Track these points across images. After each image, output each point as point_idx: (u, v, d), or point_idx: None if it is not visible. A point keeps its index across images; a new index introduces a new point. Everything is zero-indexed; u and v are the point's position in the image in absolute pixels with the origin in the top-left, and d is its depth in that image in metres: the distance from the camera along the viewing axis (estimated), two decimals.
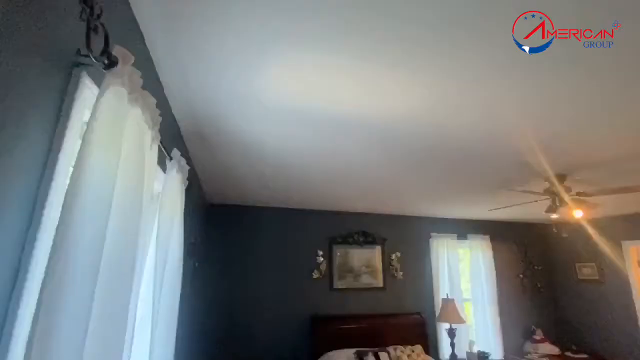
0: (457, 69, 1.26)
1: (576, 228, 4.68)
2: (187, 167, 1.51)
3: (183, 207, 1.47)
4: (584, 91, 1.37)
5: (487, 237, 4.78)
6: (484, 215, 4.52)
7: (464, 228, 4.73)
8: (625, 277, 4.13)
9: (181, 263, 1.43)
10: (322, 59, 1.21)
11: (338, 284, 4.02)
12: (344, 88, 1.39)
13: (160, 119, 1.00)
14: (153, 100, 0.92)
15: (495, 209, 2.98)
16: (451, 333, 3.97)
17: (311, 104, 1.50)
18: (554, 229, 4.17)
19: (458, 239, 4.65)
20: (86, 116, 0.71)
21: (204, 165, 2.43)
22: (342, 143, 1.95)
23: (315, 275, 3.91)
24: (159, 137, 1.02)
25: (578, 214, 2.26)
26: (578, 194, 2.25)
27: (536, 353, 4.24)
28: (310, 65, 1.25)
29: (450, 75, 1.30)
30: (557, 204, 2.31)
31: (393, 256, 4.32)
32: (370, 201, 3.63)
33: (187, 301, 2.44)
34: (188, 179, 1.61)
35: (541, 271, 4.95)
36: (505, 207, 2.79)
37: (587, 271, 4.57)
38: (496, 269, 4.65)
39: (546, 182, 2.33)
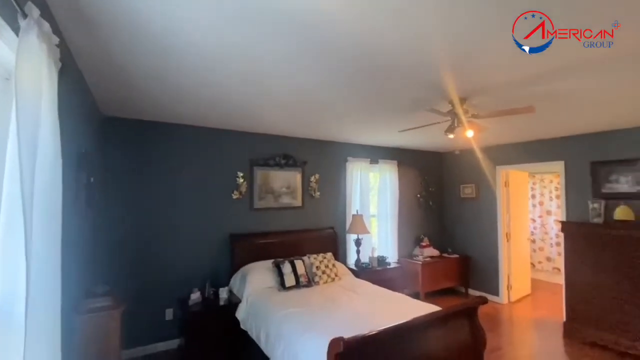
0: None
1: (462, 155, 5.55)
2: (57, 40, 1.19)
3: (56, 95, 1.19)
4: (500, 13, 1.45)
5: (395, 162, 5.32)
6: (394, 142, 4.94)
7: (376, 154, 5.14)
8: (494, 195, 5.16)
9: (59, 168, 1.19)
10: None
11: (258, 204, 4.09)
12: None
13: None
14: None
15: (404, 130, 3.23)
16: (358, 242, 4.55)
17: None
18: (455, 152, 4.82)
19: (370, 163, 5.06)
20: None
21: (92, 64, 1.99)
22: (269, 48, 1.78)
23: (235, 195, 3.89)
24: None
25: (469, 133, 2.61)
26: (473, 115, 2.57)
27: (422, 255, 5.20)
28: None
29: None
30: (455, 125, 2.62)
31: (312, 178, 4.52)
32: (291, 122, 3.57)
33: (84, 219, 2.20)
34: (62, 62, 1.29)
35: (434, 192, 5.84)
36: (413, 128, 3.04)
37: (467, 191, 5.55)
38: (400, 189, 5.31)
39: (449, 105, 2.59)
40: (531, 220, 6.57)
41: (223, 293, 3.29)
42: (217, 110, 3.08)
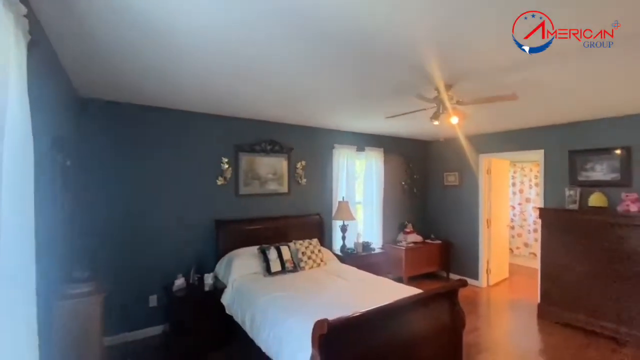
0: None
1: (447, 144, 5.63)
2: (25, 10, 1.11)
3: (25, 70, 1.12)
4: None
5: (381, 149, 5.35)
6: (381, 129, 4.95)
7: (362, 141, 5.15)
8: (476, 183, 5.28)
9: (30, 149, 1.13)
10: None
11: (244, 190, 4.05)
12: None
13: None
14: None
15: (391, 117, 3.24)
16: (343, 228, 4.59)
17: None
18: (440, 139, 4.86)
19: (357, 150, 5.08)
20: None
21: (67, 42, 1.89)
22: (253, 32, 1.73)
23: (220, 181, 3.83)
24: None
25: (454, 120, 2.63)
26: (457, 102, 2.59)
27: (405, 241, 5.31)
28: None
29: None
30: (441, 111, 2.64)
31: (298, 164, 4.50)
32: (277, 107, 3.52)
33: (60, 203, 2.12)
34: (32, 35, 1.21)
35: (419, 179, 5.93)
36: (400, 114, 3.05)
37: (451, 178, 5.65)
38: (385, 177, 5.36)
39: (435, 91, 2.60)
40: (511, 208, 6.78)
41: (208, 279, 3.27)
42: (201, 94, 3.00)
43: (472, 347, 3.17)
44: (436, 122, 2.74)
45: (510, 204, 6.73)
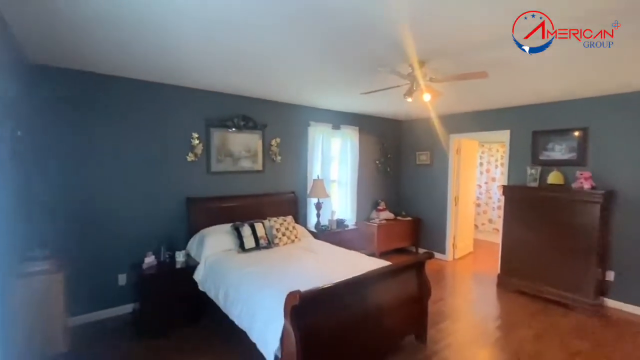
0: None
1: (420, 123, 5.74)
2: None
3: None
4: None
5: (357, 128, 5.36)
6: (356, 107, 4.94)
7: (338, 119, 5.13)
8: (446, 162, 5.45)
9: None
10: None
11: (216, 167, 3.94)
12: None
13: None
14: None
15: (366, 93, 3.22)
16: (318, 206, 4.63)
17: None
18: (407, 112, 4.81)
19: (332, 128, 5.05)
20: None
21: (18, 6, 1.68)
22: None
23: (190, 158, 3.70)
24: None
25: (427, 97, 2.66)
26: (430, 79, 2.61)
27: (378, 218, 5.46)
28: None
29: None
30: (414, 88, 2.66)
31: (273, 142, 4.42)
32: (248, 80, 3.38)
33: (9, 176, 1.97)
34: None
35: (392, 158, 6.03)
36: (375, 90, 3.04)
37: (423, 158, 5.80)
38: (360, 155, 5.40)
39: (409, 67, 2.60)
40: (478, 186, 7.11)
41: (180, 256, 3.22)
42: (168, 63, 2.82)
43: (437, 314, 3.37)
44: (409, 99, 2.75)
45: (477, 183, 7.05)
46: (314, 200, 4.68)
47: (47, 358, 1.94)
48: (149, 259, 3.11)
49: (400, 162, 6.18)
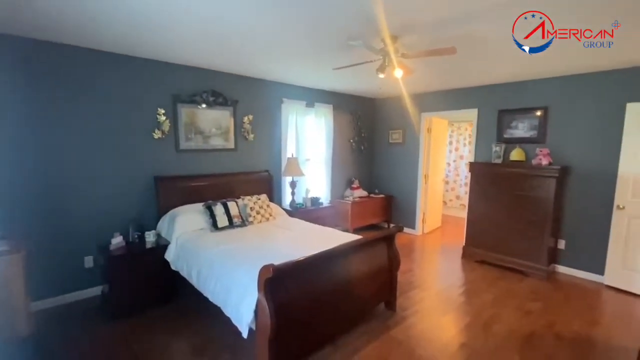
0: None
1: (393, 102, 5.80)
2: None
3: None
4: None
5: (331, 106, 5.32)
6: (330, 84, 4.89)
7: (312, 96, 5.06)
8: (418, 141, 5.58)
9: None
10: None
11: (185, 145, 3.80)
12: None
13: None
14: None
15: (339, 68, 3.19)
16: (292, 184, 4.64)
17: None
18: (379, 87, 4.76)
19: (306, 106, 4.99)
20: None
21: None
22: None
23: (157, 135, 3.54)
24: None
25: (398, 73, 2.68)
26: (402, 55, 2.62)
27: (352, 196, 5.56)
28: None
29: None
30: (386, 64, 2.66)
31: (245, 119, 4.31)
32: (217, 53, 3.24)
33: None
34: None
35: (366, 137, 6.09)
36: (348, 66, 3.01)
37: (395, 136, 5.90)
38: (334, 134, 5.41)
39: (382, 43, 2.59)
40: (447, 164, 7.38)
41: (150, 237, 3.13)
42: (133, 33, 2.62)
43: (406, 284, 3.56)
44: (382, 75, 2.76)
45: (447, 161, 7.31)
46: (289, 179, 4.67)
47: (8, 342, 1.87)
48: (117, 240, 3.01)
49: (374, 140, 6.26)
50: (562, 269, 4.07)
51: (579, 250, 3.94)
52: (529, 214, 3.94)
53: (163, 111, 3.55)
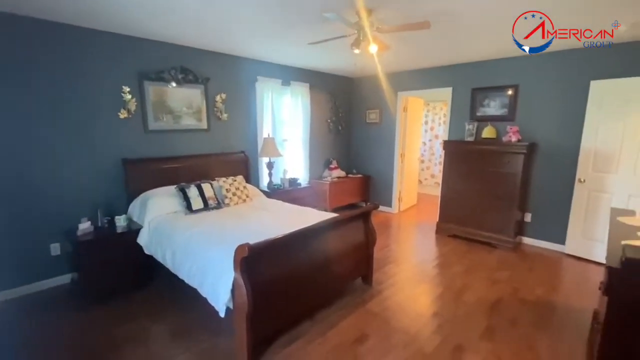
0: None
1: (369, 81, 5.76)
2: None
3: None
4: None
5: (307, 85, 5.22)
6: (306, 62, 4.76)
7: (287, 74, 4.93)
8: (394, 120, 5.61)
9: None
10: None
11: (154, 125, 3.63)
12: None
13: None
14: None
15: (313, 43, 3.10)
16: (270, 165, 4.57)
17: None
18: (354, 64, 4.68)
19: (282, 84, 4.86)
20: None
21: None
22: None
23: (123, 115, 3.34)
24: None
25: (373, 48, 2.64)
26: (377, 29, 2.57)
27: (330, 177, 5.57)
28: None
29: None
30: (361, 39, 2.60)
31: (218, 97, 4.15)
32: (184, 24, 3.05)
33: None
34: None
35: (343, 116, 6.05)
36: (323, 40, 2.93)
37: (372, 116, 5.90)
38: (311, 113, 5.33)
39: (356, 15, 2.52)
40: (422, 143, 7.51)
41: (120, 221, 3.02)
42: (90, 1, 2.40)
43: (382, 259, 3.66)
44: (357, 50, 2.71)
45: (422, 140, 7.44)
46: (266, 160, 4.59)
47: None
48: (84, 225, 2.88)
49: (351, 120, 6.24)
50: (527, 240, 4.32)
51: (543, 222, 4.17)
52: (498, 190, 4.11)
53: (128, 89, 3.34)
